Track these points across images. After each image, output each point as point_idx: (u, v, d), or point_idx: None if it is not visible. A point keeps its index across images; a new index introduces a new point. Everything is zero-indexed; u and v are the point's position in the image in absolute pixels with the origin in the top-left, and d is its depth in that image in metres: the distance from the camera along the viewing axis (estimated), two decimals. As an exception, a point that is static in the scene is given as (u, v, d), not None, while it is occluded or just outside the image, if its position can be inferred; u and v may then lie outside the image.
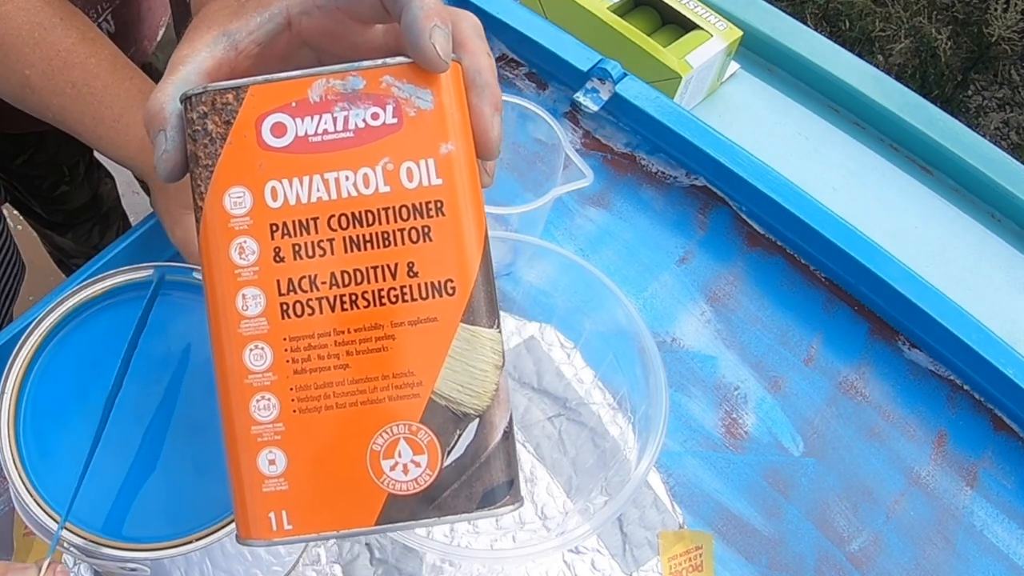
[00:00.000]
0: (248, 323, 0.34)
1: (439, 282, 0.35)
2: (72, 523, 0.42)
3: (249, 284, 0.34)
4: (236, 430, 0.35)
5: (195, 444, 0.44)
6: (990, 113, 2.14)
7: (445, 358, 0.35)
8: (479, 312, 0.35)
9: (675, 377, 0.64)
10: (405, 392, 0.35)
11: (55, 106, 0.54)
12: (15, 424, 0.43)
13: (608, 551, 0.57)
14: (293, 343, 0.34)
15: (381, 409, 0.35)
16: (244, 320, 0.34)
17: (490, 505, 0.36)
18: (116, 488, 0.43)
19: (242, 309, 0.34)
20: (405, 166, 0.34)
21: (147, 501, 0.43)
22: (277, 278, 0.34)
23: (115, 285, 0.47)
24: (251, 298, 0.34)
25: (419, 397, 0.35)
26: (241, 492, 0.35)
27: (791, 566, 0.58)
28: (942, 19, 2.21)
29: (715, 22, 0.88)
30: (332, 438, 0.35)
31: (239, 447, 0.35)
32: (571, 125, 0.75)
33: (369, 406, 0.35)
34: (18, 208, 1.08)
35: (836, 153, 0.89)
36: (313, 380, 0.35)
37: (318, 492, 0.35)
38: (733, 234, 0.71)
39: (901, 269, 0.66)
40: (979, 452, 0.64)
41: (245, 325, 0.34)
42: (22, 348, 0.45)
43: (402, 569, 0.55)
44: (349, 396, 0.35)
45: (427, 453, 0.35)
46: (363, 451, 0.35)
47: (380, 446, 0.35)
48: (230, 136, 0.34)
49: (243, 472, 0.35)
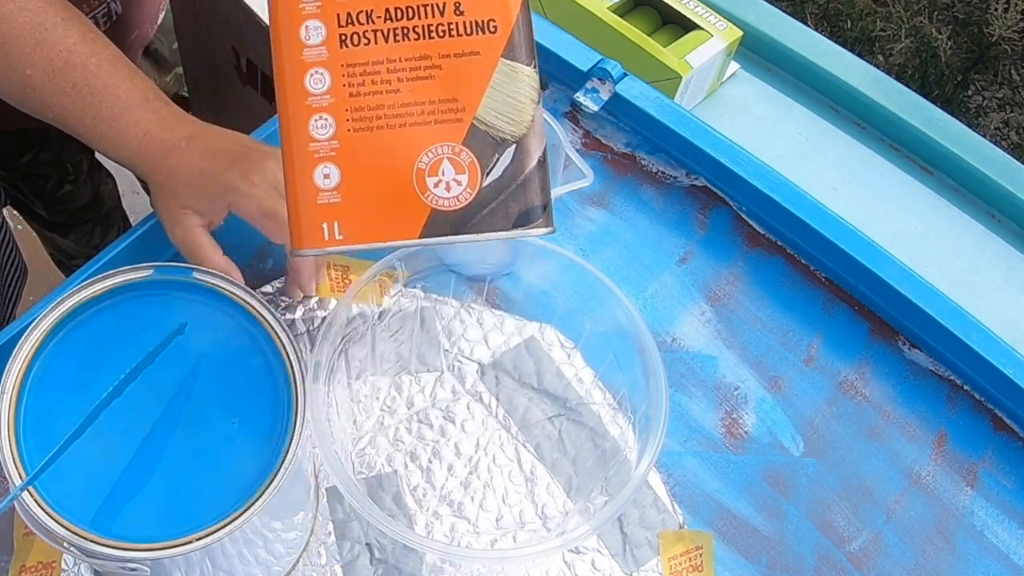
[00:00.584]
0: (310, 51, 0.40)
1: (482, 20, 0.40)
2: (66, 518, 0.42)
3: (312, 17, 0.40)
4: (295, 148, 0.40)
5: (196, 444, 0.44)
6: (990, 113, 2.14)
7: (487, 88, 0.40)
8: (518, 49, 0.40)
9: (675, 377, 0.64)
10: (449, 116, 0.40)
11: (56, 106, 0.54)
12: (15, 424, 0.43)
13: (608, 551, 0.57)
14: (350, 69, 0.39)
15: (427, 131, 0.40)
16: (306, 48, 0.40)
17: (525, 225, 0.40)
18: (116, 488, 0.43)
19: (305, 39, 0.40)
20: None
21: (148, 501, 0.43)
22: (337, 12, 0.40)
23: (115, 285, 0.47)
24: (313, 29, 0.40)
25: (462, 122, 0.40)
26: (296, 205, 0.40)
27: (791, 566, 0.58)
28: (942, 19, 2.21)
29: (715, 22, 0.88)
30: (382, 155, 0.40)
31: (296, 163, 0.40)
32: (571, 125, 0.75)
33: (417, 127, 0.40)
34: (19, 209, 1.08)
35: (836, 153, 0.89)
36: (367, 103, 0.40)
37: (368, 205, 0.40)
38: (733, 234, 0.71)
39: (901, 269, 0.66)
40: (979, 452, 0.64)
41: (307, 52, 0.39)
42: (22, 348, 0.45)
43: (402, 569, 0.55)
44: (399, 118, 0.40)
45: (468, 173, 0.40)
46: (410, 168, 0.39)
47: (425, 164, 0.39)
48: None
49: (299, 186, 0.40)
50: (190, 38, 1.33)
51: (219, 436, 0.44)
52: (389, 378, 0.61)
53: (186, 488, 0.43)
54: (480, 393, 0.61)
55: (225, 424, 0.45)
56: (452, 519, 0.57)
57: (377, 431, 0.59)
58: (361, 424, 0.59)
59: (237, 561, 0.47)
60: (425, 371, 0.61)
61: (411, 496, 0.57)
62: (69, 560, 0.53)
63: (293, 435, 0.44)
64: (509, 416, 0.61)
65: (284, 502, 0.48)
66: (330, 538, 0.55)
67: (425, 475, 0.58)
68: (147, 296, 0.48)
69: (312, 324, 0.62)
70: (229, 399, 0.45)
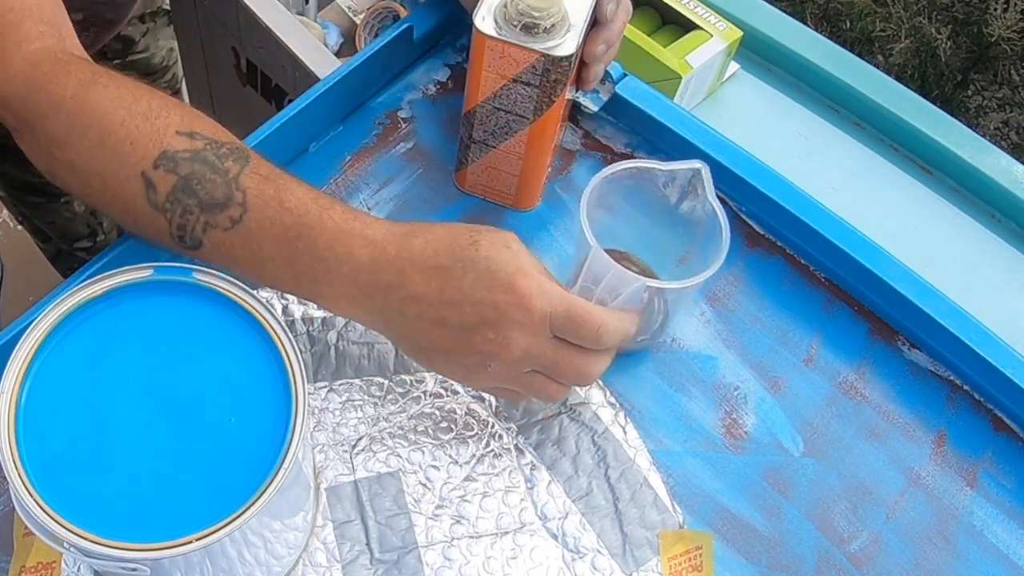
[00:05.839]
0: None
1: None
2: (66, 518, 0.42)
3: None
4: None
5: (196, 444, 0.44)
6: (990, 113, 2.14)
7: None
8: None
9: (675, 377, 0.64)
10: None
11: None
12: (15, 424, 0.43)
13: (608, 551, 0.57)
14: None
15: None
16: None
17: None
18: (116, 488, 0.43)
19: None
20: None
21: (148, 501, 0.43)
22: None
23: (115, 285, 0.47)
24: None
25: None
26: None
27: (791, 566, 0.58)
28: (942, 19, 2.21)
29: (715, 22, 0.88)
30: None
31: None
32: (571, 125, 0.75)
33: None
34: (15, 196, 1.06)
35: (836, 153, 0.89)
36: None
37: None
38: (733, 234, 0.71)
39: (901, 269, 0.66)
40: (979, 452, 0.64)
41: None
42: (22, 348, 0.45)
43: (402, 569, 0.55)
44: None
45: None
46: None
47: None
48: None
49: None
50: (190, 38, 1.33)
51: (219, 436, 0.44)
52: (388, 377, 0.61)
53: (186, 488, 0.43)
54: (480, 393, 0.61)
55: (225, 424, 0.45)
56: (451, 519, 0.57)
57: (377, 431, 0.59)
58: (361, 424, 0.59)
59: (237, 561, 0.47)
60: (425, 371, 0.61)
61: (410, 496, 0.57)
62: (69, 560, 0.53)
63: (293, 435, 0.44)
64: (509, 416, 0.61)
65: (284, 502, 0.48)
66: (330, 538, 0.56)
67: (425, 475, 0.58)
68: (147, 296, 0.48)
69: (312, 324, 0.62)
70: (229, 399, 0.45)
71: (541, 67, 0.58)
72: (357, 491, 0.57)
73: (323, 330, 0.62)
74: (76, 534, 0.41)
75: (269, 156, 0.53)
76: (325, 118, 0.71)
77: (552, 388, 0.52)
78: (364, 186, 0.70)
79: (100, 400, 0.45)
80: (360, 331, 0.62)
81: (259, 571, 0.51)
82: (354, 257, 0.49)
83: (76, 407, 0.44)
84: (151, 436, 0.44)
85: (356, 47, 1.47)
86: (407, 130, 0.73)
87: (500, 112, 0.62)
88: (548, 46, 0.57)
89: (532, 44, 0.57)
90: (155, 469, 0.43)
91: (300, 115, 0.67)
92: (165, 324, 0.47)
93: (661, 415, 0.63)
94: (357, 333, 0.62)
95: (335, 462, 0.58)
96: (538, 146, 0.64)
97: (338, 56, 1.40)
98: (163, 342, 0.47)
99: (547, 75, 0.58)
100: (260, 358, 0.47)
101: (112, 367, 0.45)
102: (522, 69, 0.58)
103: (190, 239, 0.51)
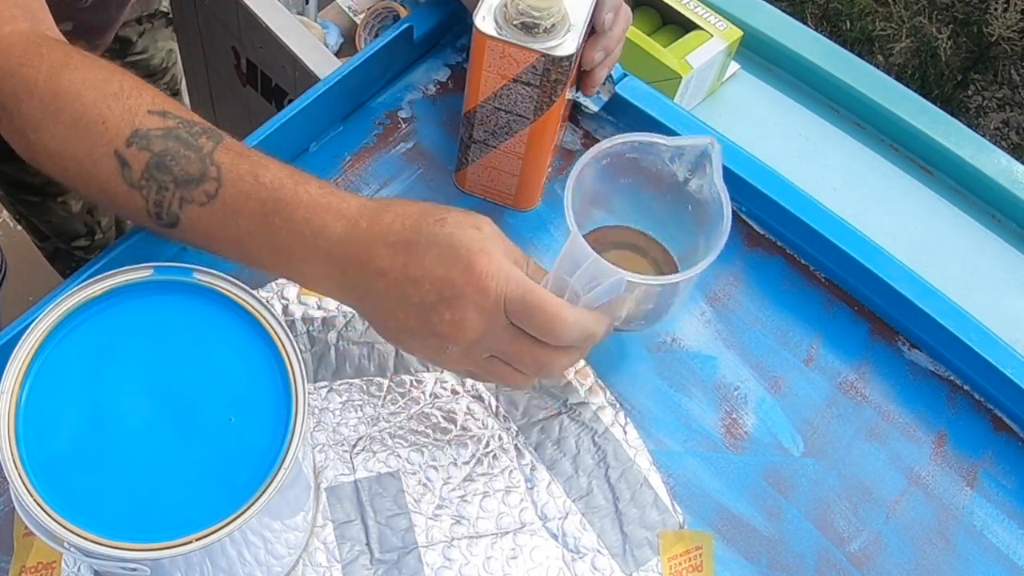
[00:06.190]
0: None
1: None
2: (66, 518, 0.42)
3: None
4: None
5: (196, 444, 0.44)
6: (990, 113, 2.14)
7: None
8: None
9: (675, 377, 0.64)
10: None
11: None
12: (15, 424, 0.43)
13: (608, 551, 0.57)
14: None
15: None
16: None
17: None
18: (116, 488, 0.43)
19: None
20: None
21: (148, 501, 0.43)
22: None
23: (115, 285, 0.47)
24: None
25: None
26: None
27: (791, 566, 0.58)
28: (942, 19, 2.21)
29: (715, 22, 0.88)
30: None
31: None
32: (571, 126, 0.75)
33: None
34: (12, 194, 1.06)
35: (836, 153, 0.89)
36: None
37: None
38: (733, 234, 0.71)
39: (901, 269, 0.66)
40: (979, 452, 0.64)
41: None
42: (22, 348, 0.45)
43: (402, 569, 0.55)
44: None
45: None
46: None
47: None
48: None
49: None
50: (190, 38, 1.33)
51: (219, 436, 0.44)
52: (388, 377, 0.61)
53: (186, 488, 0.43)
54: (480, 392, 0.61)
55: (225, 424, 0.45)
56: (452, 519, 0.57)
57: (377, 431, 0.59)
58: (361, 424, 0.59)
59: (237, 561, 0.47)
60: (425, 371, 0.61)
61: (410, 496, 0.57)
62: (69, 560, 0.53)
63: (293, 435, 0.44)
64: (509, 416, 0.61)
65: (284, 502, 0.48)
66: (330, 538, 0.56)
67: (425, 475, 0.58)
68: (147, 296, 0.48)
69: (312, 324, 0.62)
70: (229, 399, 0.45)
71: (541, 67, 0.58)
72: (357, 491, 0.57)
73: (323, 330, 0.62)
74: (76, 534, 0.41)
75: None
76: (325, 118, 0.71)
77: (514, 376, 0.51)
78: (364, 186, 0.70)
79: (100, 400, 0.45)
80: (360, 331, 0.62)
81: (259, 571, 0.51)
82: (329, 230, 0.49)
83: (76, 407, 0.44)
84: (151, 436, 0.44)
85: (356, 47, 1.47)
86: (407, 130, 0.74)
87: (500, 112, 0.62)
88: (548, 46, 0.57)
89: (532, 44, 0.57)
90: (155, 469, 0.43)
91: (300, 115, 0.68)
92: (165, 324, 0.47)
93: (661, 415, 0.63)
94: (357, 333, 0.62)
95: (335, 462, 0.58)
96: (538, 146, 0.64)
97: (338, 56, 1.40)
98: (163, 342, 0.47)
99: (547, 75, 0.58)
100: (260, 358, 0.47)
101: (112, 367, 0.45)
102: (522, 69, 0.58)
103: (167, 215, 0.51)
